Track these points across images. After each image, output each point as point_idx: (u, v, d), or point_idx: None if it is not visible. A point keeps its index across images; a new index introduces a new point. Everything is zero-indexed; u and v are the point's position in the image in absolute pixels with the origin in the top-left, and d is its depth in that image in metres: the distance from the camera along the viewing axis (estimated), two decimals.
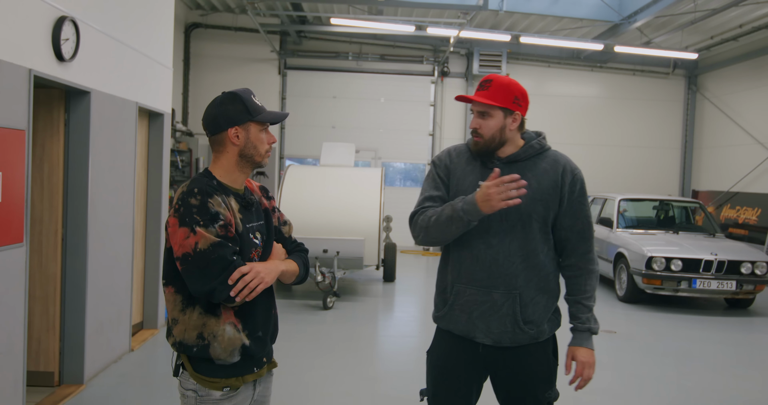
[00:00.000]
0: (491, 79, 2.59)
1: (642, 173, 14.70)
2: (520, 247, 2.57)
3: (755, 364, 6.48)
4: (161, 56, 6.55)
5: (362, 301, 8.93)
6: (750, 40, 12.33)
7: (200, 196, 2.20)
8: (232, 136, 2.30)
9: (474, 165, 2.68)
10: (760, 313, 8.93)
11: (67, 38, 4.37)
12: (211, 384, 2.26)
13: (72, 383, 4.98)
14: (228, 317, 2.25)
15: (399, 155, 14.73)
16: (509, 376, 2.65)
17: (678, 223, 10.50)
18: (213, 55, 14.01)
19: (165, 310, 7.03)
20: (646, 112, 14.80)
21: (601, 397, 5.24)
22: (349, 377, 5.57)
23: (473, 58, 13.93)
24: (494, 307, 2.57)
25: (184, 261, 2.17)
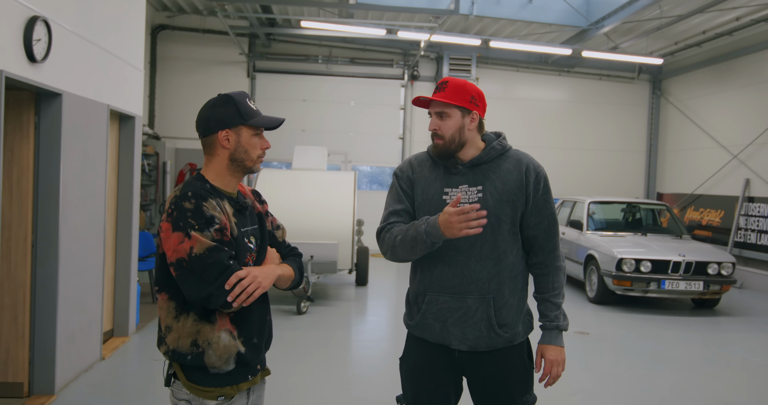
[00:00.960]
0: (447, 81, 2.61)
1: (608, 176, 14.95)
2: (491, 250, 2.57)
3: (723, 363, 6.61)
4: (132, 58, 6.44)
5: (335, 305, 8.89)
6: (713, 46, 12.65)
7: (194, 199, 2.15)
8: (222, 139, 2.27)
9: (437, 172, 2.67)
10: (726, 312, 9.14)
11: (39, 39, 4.25)
12: (205, 393, 2.21)
13: (42, 394, 4.83)
14: (223, 324, 2.21)
15: (369, 159, 14.72)
16: (486, 381, 2.65)
17: (645, 225, 10.71)
18: (180, 58, 13.82)
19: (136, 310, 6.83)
20: (612, 116, 15.07)
21: (575, 398, 5.30)
22: (326, 382, 5.53)
23: (443, 62, 14.01)
24: (468, 313, 2.57)
25: (179, 266, 2.12)
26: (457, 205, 2.37)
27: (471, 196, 2.59)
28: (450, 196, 2.61)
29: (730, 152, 12.33)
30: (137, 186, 6.67)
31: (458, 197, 2.39)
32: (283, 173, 9.79)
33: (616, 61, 13.55)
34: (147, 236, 8.61)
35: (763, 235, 11.22)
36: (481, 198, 2.58)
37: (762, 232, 11.25)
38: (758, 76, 11.75)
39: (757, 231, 11.36)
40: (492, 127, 2.77)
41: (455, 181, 2.62)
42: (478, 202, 2.56)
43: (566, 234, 10.45)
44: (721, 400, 5.39)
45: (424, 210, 2.64)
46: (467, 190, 2.60)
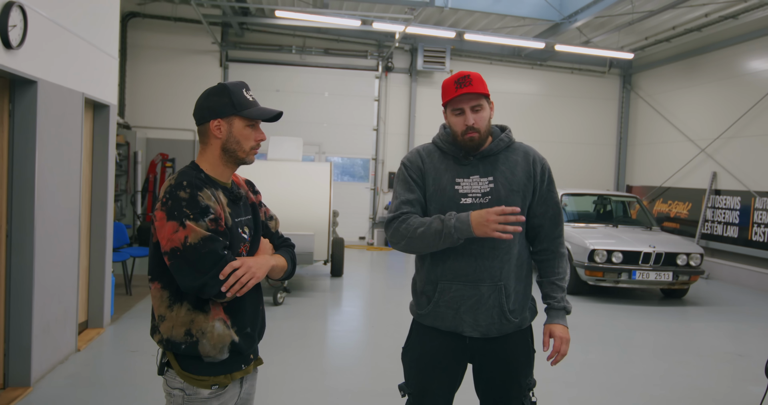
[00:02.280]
0: (467, 75, 2.61)
1: (579, 169, 15.16)
2: (503, 240, 2.60)
3: (691, 351, 6.78)
4: (107, 46, 6.33)
5: (311, 296, 8.90)
6: (682, 41, 12.88)
7: (189, 189, 2.15)
8: (214, 129, 2.26)
9: (447, 162, 2.71)
10: (694, 302, 9.37)
11: (14, 25, 4.16)
12: (199, 382, 2.22)
13: (18, 386, 4.77)
14: (217, 313, 2.22)
15: (343, 150, 14.71)
16: (495, 365, 2.71)
17: (616, 217, 10.90)
18: (151, 46, 13.62)
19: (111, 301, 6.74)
20: (583, 110, 15.28)
21: (551, 386, 5.39)
22: (303, 372, 5.55)
23: (417, 53, 14.03)
24: (481, 300, 2.62)
25: (173, 256, 2.11)
26: None
27: (482, 186, 2.64)
28: (462, 186, 2.65)
29: (697, 146, 12.59)
30: (112, 176, 6.58)
31: (503, 208, 2.42)
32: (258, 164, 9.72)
33: (588, 55, 13.71)
34: (120, 227, 8.50)
35: (728, 227, 11.51)
36: (492, 188, 2.63)
37: (728, 224, 11.53)
38: (725, 71, 12.00)
39: (723, 223, 11.65)
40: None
41: (466, 171, 2.67)
42: (490, 192, 2.63)
43: None
44: (688, 386, 5.54)
45: (436, 200, 2.67)
46: (479, 180, 2.65)
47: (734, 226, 11.38)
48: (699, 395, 5.31)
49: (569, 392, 5.31)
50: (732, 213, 11.47)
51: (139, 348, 6.01)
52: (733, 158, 11.62)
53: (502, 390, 2.72)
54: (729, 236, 11.47)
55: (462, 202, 2.63)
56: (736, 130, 11.55)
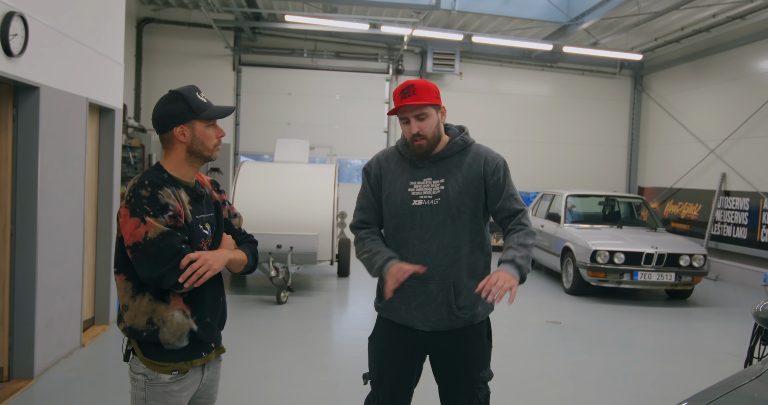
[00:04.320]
0: (411, 84, 2.70)
1: (590, 170, 15.13)
2: (452, 239, 2.72)
3: (692, 352, 6.80)
4: (112, 52, 6.54)
5: (316, 295, 9.04)
6: (691, 42, 12.83)
7: (150, 187, 2.30)
8: (178, 135, 2.39)
9: (404, 166, 2.84)
10: (698, 303, 9.36)
11: (15, 33, 4.36)
12: (160, 368, 2.36)
13: (22, 378, 4.97)
14: (177, 303, 2.35)
15: (354, 152, 14.83)
16: (446, 358, 2.81)
17: (623, 218, 10.89)
18: (166, 51, 13.88)
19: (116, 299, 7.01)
20: (594, 111, 15.23)
21: (544, 383, 5.48)
22: (302, 368, 5.67)
23: (427, 56, 14.12)
24: (430, 297, 2.73)
25: (135, 249, 2.26)
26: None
27: (434, 188, 2.75)
28: (414, 188, 2.77)
29: (707, 147, 12.52)
30: (118, 177, 6.79)
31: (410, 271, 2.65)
32: (264, 166, 9.94)
33: (598, 56, 13.68)
34: None
35: (737, 228, 11.44)
36: (443, 190, 2.74)
37: (737, 225, 11.47)
38: (735, 72, 11.94)
39: (733, 224, 11.58)
40: (476, 122, 2.95)
41: (420, 174, 2.79)
42: (440, 194, 2.74)
43: (545, 227, 10.64)
44: (680, 387, 5.55)
45: (391, 202, 2.81)
46: (431, 182, 2.77)
47: (743, 227, 11.31)
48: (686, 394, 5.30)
49: (559, 389, 5.38)
50: (741, 214, 11.40)
51: None
52: (742, 159, 11.56)
53: (455, 381, 2.81)
54: (738, 238, 11.40)
55: (413, 203, 2.75)
56: (745, 131, 11.48)
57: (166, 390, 2.36)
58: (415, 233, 2.74)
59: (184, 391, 2.41)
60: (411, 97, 2.68)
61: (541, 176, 14.67)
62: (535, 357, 6.31)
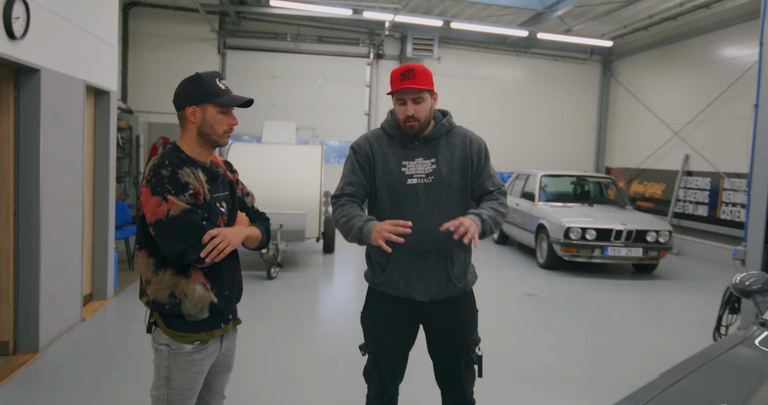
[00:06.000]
0: (412, 68, 2.72)
1: (561, 151, 15.31)
2: (447, 214, 2.77)
3: (659, 321, 7.01)
4: (106, 35, 6.44)
5: (304, 271, 9.09)
6: (659, 29, 12.96)
7: (171, 167, 2.31)
8: (189, 115, 2.41)
9: (394, 147, 2.86)
10: (663, 276, 9.60)
11: (18, 17, 4.29)
12: (182, 338, 2.39)
13: (27, 351, 4.97)
14: (197, 278, 2.39)
15: (336, 133, 14.82)
16: (444, 324, 2.88)
17: (593, 197, 11.06)
18: (152, 34, 13.67)
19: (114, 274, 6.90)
20: (565, 95, 15.37)
21: (526, 351, 5.61)
22: (292, 340, 5.73)
23: (407, 41, 14.08)
24: (430, 269, 2.79)
25: (157, 226, 2.28)
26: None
27: (426, 167, 2.80)
28: (408, 168, 2.80)
29: (672, 129, 12.73)
30: (113, 158, 6.73)
31: (398, 222, 2.59)
32: (253, 146, 9.87)
33: (570, 42, 13.78)
34: (122, 206, 8.66)
35: (699, 207, 11.71)
36: (435, 169, 2.79)
37: (698, 204, 11.73)
38: (699, 58, 12.12)
39: (694, 202, 11.84)
40: (453, 105, 2.97)
41: (411, 154, 2.82)
42: (433, 173, 2.79)
43: (519, 205, 10.77)
44: (650, 353, 5.73)
45: (385, 181, 2.82)
46: (422, 162, 2.81)
47: (704, 205, 11.57)
48: (656, 360, 5.51)
49: (538, 356, 5.52)
50: (702, 193, 11.66)
51: (140, 318, 6.17)
52: (705, 141, 11.78)
53: (452, 345, 2.89)
54: (699, 215, 11.67)
55: (408, 182, 2.79)
56: (708, 115, 11.69)
57: (188, 359, 2.40)
58: (413, 210, 2.78)
59: (205, 360, 2.45)
60: (411, 81, 2.71)
61: (515, 157, 14.79)
62: (515, 327, 6.45)
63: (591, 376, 5.07)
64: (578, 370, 5.21)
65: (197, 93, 2.38)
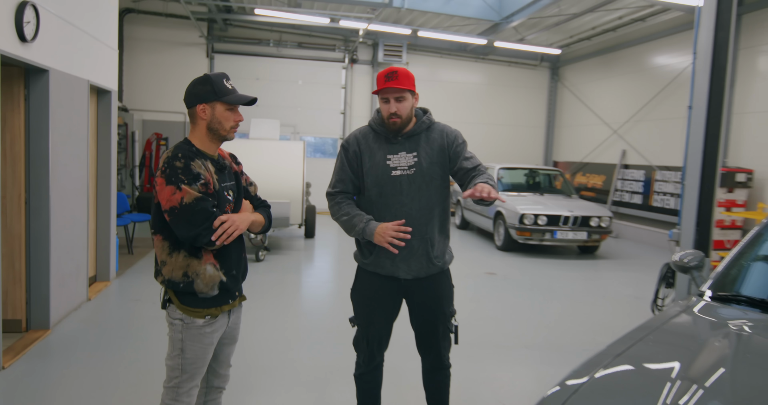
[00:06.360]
0: (395, 71, 2.73)
1: (515, 147, 15.46)
2: (427, 202, 2.80)
3: (601, 295, 7.17)
4: (108, 39, 6.30)
5: (288, 254, 9.06)
6: (600, 40, 13.15)
7: (184, 159, 2.29)
8: (200, 112, 2.39)
9: (380, 142, 2.86)
10: (604, 256, 9.82)
11: (28, 21, 4.17)
12: (195, 313, 2.39)
13: (39, 329, 4.89)
14: (208, 259, 2.38)
15: (315, 130, 14.72)
16: (425, 298, 2.92)
17: (543, 187, 11.23)
18: (145, 39, 13.35)
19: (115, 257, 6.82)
20: (518, 97, 15.50)
21: (489, 322, 5.71)
22: (280, 315, 5.74)
23: (379, 47, 14.03)
24: (412, 250, 2.81)
25: (172, 213, 2.26)
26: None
27: (408, 160, 2.81)
28: (392, 161, 2.81)
29: (611, 128, 12.96)
30: (114, 151, 6.60)
31: (399, 227, 2.71)
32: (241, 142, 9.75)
33: (523, 50, 13.90)
34: (121, 196, 8.50)
35: (634, 195, 11.98)
36: (416, 162, 2.80)
37: (633, 193, 12.00)
38: (635, 66, 12.34)
39: (630, 192, 12.11)
40: (420, 106, 2.97)
41: (395, 148, 2.83)
42: (415, 165, 2.80)
43: None
44: (596, 324, 5.89)
45: (372, 173, 2.83)
46: (405, 155, 2.82)
47: (639, 194, 11.84)
48: (600, 328, 5.67)
49: (499, 326, 5.62)
50: (637, 184, 11.92)
51: (141, 297, 6.12)
52: (639, 138, 12.02)
53: (432, 316, 2.93)
54: (634, 203, 11.94)
55: (392, 174, 2.80)
56: (642, 115, 11.94)
57: (200, 332, 2.40)
58: (397, 199, 2.79)
59: (214, 332, 2.45)
60: (394, 81, 2.72)
61: (475, 152, 14.34)
62: (478, 302, 6.55)
63: (546, 343, 5.18)
64: (535, 338, 5.33)
65: (207, 92, 2.36)
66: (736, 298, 2.56)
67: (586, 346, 5.03)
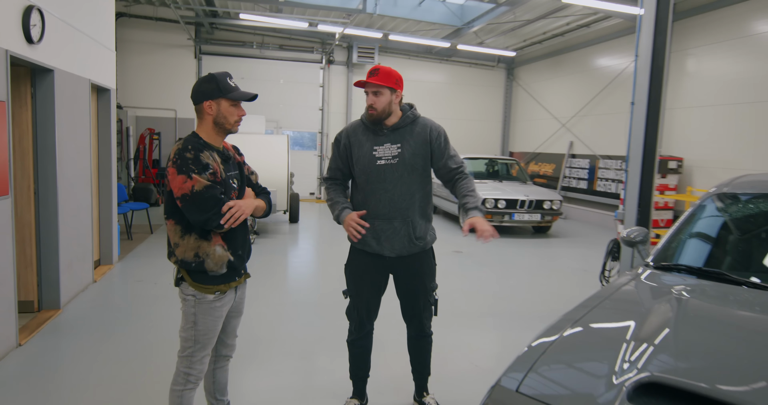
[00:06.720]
0: (378, 68, 2.74)
1: (475, 139, 15.55)
2: (408, 188, 2.83)
3: (552, 269, 7.33)
4: (106, 41, 6.12)
5: (275, 237, 9.02)
6: (550, 44, 13.28)
7: (193, 151, 2.27)
8: (206, 108, 2.37)
9: (368, 134, 2.87)
10: (555, 235, 10.02)
11: (34, 24, 4.03)
12: (205, 289, 2.38)
13: (50, 309, 4.80)
14: (217, 241, 2.37)
15: (295, 125, 14.57)
16: (407, 274, 2.96)
17: (501, 175, 11.36)
18: (137, 41, 12.98)
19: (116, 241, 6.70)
20: (477, 95, 15.58)
21: (456, 294, 5.79)
22: (270, 293, 5.73)
23: (353, 50, 13.93)
24: (395, 231, 2.84)
25: (183, 199, 2.25)
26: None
27: (392, 151, 2.82)
28: (378, 151, 2.82)
29: (559, 122, 13.14)
30: (114, 145, 6.45)
31: (356, 219, 2.80)
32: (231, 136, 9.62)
33: (482, 52, 13.95)
34: (120, 187, 8.31)
35: (580, 181, 12.22)
36: (400, 153, 2.82)
37: (580, 179, 12.23)
38: (580, 67, 12.52)
39: (577, 178, 12.34)
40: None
41: (381, 140, 2.84)
42: (398, 155, 2.81)
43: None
44: (551, 294, 6.04)
45: (360, 162, 2.85)
46: (390, 147, 2.83)
47: (584, 180, 12.08)
48: (554, 298, 5.82)
49: (468, 298, 5.72)
50: (582, 171, 12.15)
51: (142, 278, 6.04)
52: (584, 130, 12.22)
53: (414, 290, 2.97)
54: (581, 188, 12.18)
55: (378, 163, 2.82)
56: (587, 110, 12.14)
57: (210, 306, 2.40)
58: (381, 185, 2.81)
59: (223, 306, 2.45)
60: (374, 77, 2.73)
61: None
62: (449, 277, 6.63)
63: (509, 311, 5.30)
64: (499, 307, 5.44)
65: (213, 89, 2.34)
66: (677, 267, 2.67)
67: (544, 313, 5.17)
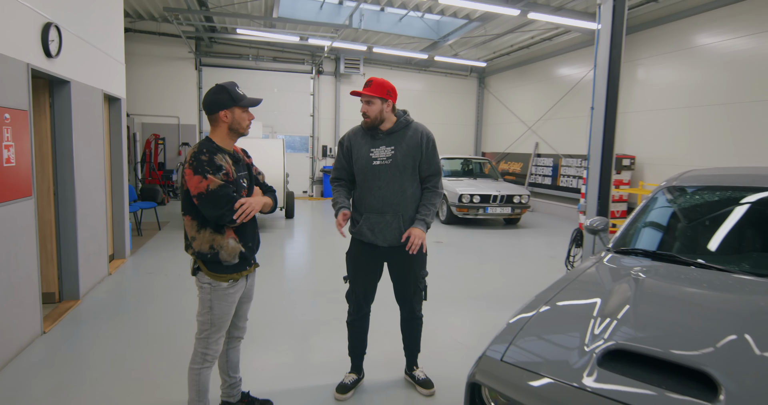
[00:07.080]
0: (372, 80, 2.78)
1: (451, 141, 15.62)
2: (400, 186, 2.87)
3: (522, 256, 7.42)
4: (117, 54, 6.04)
5: (273, 232, 8.99)
6: (517, 55, 13.40)
7: (208, 153, 2.28)
8: (222, 117, 2.37)
9: (366, 138, 2.91)
10: (524, 226, 10.14)
11: (53, 40, 3.97)
12: (220, 278, 2.40)
13: (70, 299, 4.75)
14: (229, 234, 2.39)
15: (288, 130, 14.50)
16: (399, 262, 2.99)
17: (475, 173, 11.45)
18: (141, 54, 12.78)
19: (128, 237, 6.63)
20: (453, 101, 15.66)
21: (439, 280, 5.84)
22: (270, 282, 5.72)
23: (340, 61, 13.90)
24: (387, 224, 2.88)
25: (199, 197, 2.26)
26: None
27: (386, 153, 2.86)
28: (374, 153, 2.86)
29: (526, 125, 13.27)
30: (125, 149, 6.37)
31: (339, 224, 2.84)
32: None
33: (456, 63, 14.01)
34: (129, 188, 8.21)
35: (545, 178, 12.36)
36: (393, 154, 2.85)
37: (545, 176, 12.38)
38: (544, 75, 12.64)
39: (542, 175, 12.49)
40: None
41: (377, 143, 2.88)
42: (391, 157, 2.85)
43: None
44: (522, 278, 6.12)
45: (359, 163, 2.89)
46: (384, 149, 2.87)
47: (549, 177, 12.23)
48: (525, 281, 5.92)
49: (449, 283, 5.78)
50: (547, 168, 12.30)
51: (153, 271, 5.99)
52: (549, 132, 12.36)
53: (405, 277, 3.01)
54: (546, 184, 12.33)
55: (373, 163, 2.86)
56: (550, 115, 12.28)
57: (225, 293, 2.42)
58: (376, 183, 2.85)
59: (236, 293, 2.47)
60: (367, 89, 2.78)
61: None
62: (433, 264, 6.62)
63: (487, 294, 5.37)
64: (478, 290, 5.51)
65: (226, 99, 2.35)
66: (634, 252, 2.75)
67: (517, 294, 5.26)
